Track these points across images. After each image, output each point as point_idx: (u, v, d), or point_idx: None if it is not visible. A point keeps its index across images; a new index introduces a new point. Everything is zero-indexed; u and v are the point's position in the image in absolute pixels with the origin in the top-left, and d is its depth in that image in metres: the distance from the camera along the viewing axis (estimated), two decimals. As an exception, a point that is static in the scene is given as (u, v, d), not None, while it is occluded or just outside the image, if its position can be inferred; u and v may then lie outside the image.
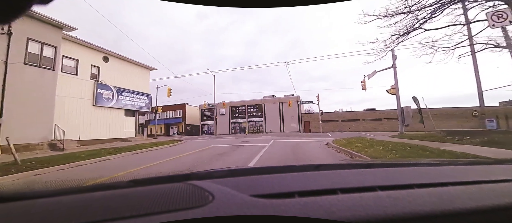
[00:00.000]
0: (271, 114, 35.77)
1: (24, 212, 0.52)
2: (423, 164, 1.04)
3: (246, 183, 0.67)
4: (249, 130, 36.92)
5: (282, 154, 7.92)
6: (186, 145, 13.50)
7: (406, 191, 0.56)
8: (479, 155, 5.32)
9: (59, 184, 0.81)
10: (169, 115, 42.92)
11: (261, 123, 36.53)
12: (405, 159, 2.22)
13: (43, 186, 0.84)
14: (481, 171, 0.84)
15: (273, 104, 36.17)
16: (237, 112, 38.13)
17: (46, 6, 0.31)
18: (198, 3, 0.39)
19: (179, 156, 8.26)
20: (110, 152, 9.13)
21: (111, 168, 6.34)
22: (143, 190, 0.65)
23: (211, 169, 0.99)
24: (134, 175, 0.86)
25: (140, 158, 8.08)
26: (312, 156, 7.41)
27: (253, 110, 37.25)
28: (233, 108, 38.37)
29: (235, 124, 38.20)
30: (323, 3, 0.44)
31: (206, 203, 0.50)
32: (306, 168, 0.94)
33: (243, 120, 37.48)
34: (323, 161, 5.43)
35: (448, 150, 6.29)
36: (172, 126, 43.37)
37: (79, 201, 0.57)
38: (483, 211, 0.47)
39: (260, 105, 36.82)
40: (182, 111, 41.78)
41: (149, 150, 10.86)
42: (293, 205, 0.48)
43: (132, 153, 9.57)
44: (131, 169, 5.95)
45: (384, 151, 7.06)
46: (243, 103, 37.91)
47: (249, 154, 8.19)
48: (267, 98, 37.28)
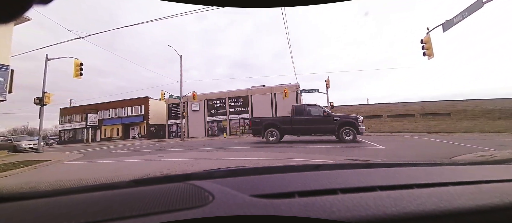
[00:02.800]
0: (260, 108, 26.31)
1: (24, 212, 0.52)
2: (423, 164, 1.01)
3: (246, 183, 0.66)
4: (230, 130, 27.34)
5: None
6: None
7: (406, 191, 0.56)
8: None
9: (59, 184, 0.81)
10: (127, 112, 32.71)
11: (247, 121, 27.05)
12: (405, 159, 1.91)
13: (43, 186, 0.82)
14: (481, 171, 0.83)
15: (263, 96, 26.68)
16: (215, 107, 28.46)
17: (46, 6, 0.31)
18: (197, 3, 0.40)
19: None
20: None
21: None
22: (143, 190, 0.64)
23: (211, 169, 0.99)
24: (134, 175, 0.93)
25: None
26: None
27: (236, 104, 27.68)
28: (210, 102, 28.66)
29: (212, 123, 28.51)
30: (322, 3, 0.44)
31: (206, 203, 0.50)
32: (306, 168, 0.94)
33: (223, 117, 27.89)
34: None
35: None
36: (132, 127, 33.23)
37: (79, 201, 0.57)
38: (483, 211, 0.47)
39: (246, 97, 27.27)
40: (144, 107, 31.68)
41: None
42: (293, 205, 0.48)
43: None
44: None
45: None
46: (224, 95, 28.28)
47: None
48: (255, 88, 27.75)
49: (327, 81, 19.72)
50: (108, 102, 34.57)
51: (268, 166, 1.11)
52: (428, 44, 10.29)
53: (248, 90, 27.62)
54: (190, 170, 1.24)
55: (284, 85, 25.19)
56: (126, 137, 32.62)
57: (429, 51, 10.27)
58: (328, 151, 7.69)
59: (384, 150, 7.85)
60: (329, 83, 19.72)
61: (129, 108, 32.51)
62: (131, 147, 14.05)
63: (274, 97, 26.08)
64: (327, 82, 19.75)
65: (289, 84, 25.42)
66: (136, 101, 32.27)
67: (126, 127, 33.13)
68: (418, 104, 21.70)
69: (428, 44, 10.29)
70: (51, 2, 0.31)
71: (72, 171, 6.33)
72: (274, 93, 26.15)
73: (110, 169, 6.36)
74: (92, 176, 0.85)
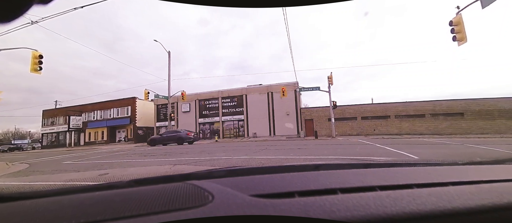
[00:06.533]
0: (256, 109, 24.22)
1: (24, 212, 0.52)
2: (423, 164, 1.03)
3: (246, 183, 0.66)
4: (224, 133, 25.18)
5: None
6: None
7: (406, 191, 0.56)
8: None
9: (59, 184, 0.81)
10: (113, 113, 30.32)
11: (241, 123, 24.89)
12: (405, 159, 1.92)
13: (43, 186, 0.82)
14: (481, 171, 0.83)
15: (259, 95, 24.61)
16: (207, 108, 26.29)
17: (46, 6, 0.31)
18: (196, 3, 0.40)
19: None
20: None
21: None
22: (143, 190, 0.64)
23: (211, 169, 0.98)
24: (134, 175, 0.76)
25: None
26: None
27: (230, 104, 25.55)
28: (202, 102, 26.49)
29: (203, 125, 26.32)
30: (321, 3, 0.44)
31: (206, 203, 0.50)
32: (306, 168, 0.93)
33: (216, 119, 25.72)
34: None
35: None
36: (118, 130, 30.83)
37: (79, 201, 0.58)
38: (483, 211, 0.47)
39: (241, 96, 25.17)
40: (131, 108, 29.33)
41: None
42: (293, 205, 0.48)
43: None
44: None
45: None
46: (216, 94, 26.13)
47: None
48: (251, 87, 25.67)
49: (329, 77, 17.65)
50: (93, 103, 32.13)
51: (268, 166, 1.11)
52: (459, 27, 8.35)
53: (243, 89, 25.52)
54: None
55: (281, 84, 23.14)
56: (112, 140, 30.19)
57: (461, 35, 8.32)
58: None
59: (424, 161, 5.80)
60: (332, 79, 17.67)
61: (115, 110, 30.12)
62: (101, 153, 11.82)
63: (271, 96, 24.02)
64: (329, 79, 17.68)
65: (288, 83, 23.39)
66: (123, 102, 29.90)
67: (112, 130, 30.71)
68: (429, 103, 19.80)
69: (459, 27, 8.35)
70: (51, 2, 0.31)
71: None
72: (271, 92, 24.09)
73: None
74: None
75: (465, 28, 8.24)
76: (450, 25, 8.53)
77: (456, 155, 6.71)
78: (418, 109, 19.85)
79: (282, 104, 22.78)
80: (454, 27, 8.41)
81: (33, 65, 11.27)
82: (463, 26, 8.27)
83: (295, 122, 22.66)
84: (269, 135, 23.10)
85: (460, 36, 8.31)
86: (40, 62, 11.42)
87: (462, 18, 8.34)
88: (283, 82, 23.97)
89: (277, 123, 23.25)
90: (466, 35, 8.26)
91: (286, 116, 22.94)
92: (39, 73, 11.59)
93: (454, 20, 8.44)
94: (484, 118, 18.70)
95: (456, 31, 8.37)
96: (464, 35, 8.26)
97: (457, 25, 8.36)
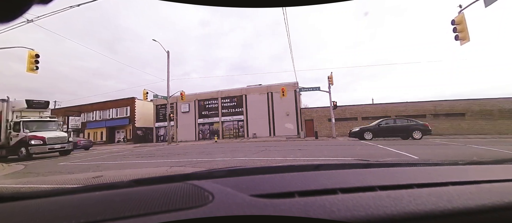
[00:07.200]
0: (256, 109, 24.09)
1: (24, 212, 0.52)
2: (423, 164, 1.02)
3: (246, 182, 0.66)
4: (223, 134, 25.06)
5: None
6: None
7: (406, 191, 0.56)
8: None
9: (59, 184, 0.81)
10: (112, 114, 30.19)
11: (241, 123, 24.78)
12: (405, 159, 1.93)
13: (43, 186, 0.82)
14: (481, 171, 0.83)
15: (259, 95, 24.49)
16: (207, 108, 26.18)
17: (46, 6, 0.31)
18: (197, 2, 0.40)
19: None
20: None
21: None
22: (143, 190, 0.64)
23: (211, 169, 0.98)
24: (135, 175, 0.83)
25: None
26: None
27: (229, 104, 25.44)
28: (201, 102, 26.38)
29: (203, 126, 26.20)
30: (321, 3, 0.44)
31: (206, 203, 0.50)
32: (306, 168, 0.93)
33: (216, 119, 25.61)
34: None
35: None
36: (117, 130, 30.71)
37: (79, 201, 0.58)
38: (483, 211, 0.47)
39: (240, 97, 25.05)
40: (130, 108, 29.21)
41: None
42: (293, 205, 0.49)
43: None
44: None
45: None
46: (216, 95, 26.01)
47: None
48: (250, 88, 25.55)
49: (330, 77, 17.55)
50: (92, 104, 32.01)
51: (268, 166, 1.12)
52: (461, 25, 8.22)
53: (242, 90, 25.41)
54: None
55: (281, 84, 23.03)
56: (111, 141, 30.08)
57: (463, 34, 8.19)
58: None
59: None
60: (332, 79, 17.55)
61: (114, 110, 30.02)
62: (100, 154, 11.69)
63: (270, 96, 23.91)
64: (330, 79, 17.57)
65: (288, 83, 23.27)
66: (122, 102, 29.79)
67: (111, 131, 30.60)
68: (430, 103, 19.68)
69: (461, 25, 8.22)
70: (51, 2, 0.31)
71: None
72: (270, 92, 23.99)
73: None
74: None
75: (468, 27, 8.12)
76: (452, 24, 8.41)
77: (456, 155, 6.57)
78: (418, 110, 19.72)
79: (282, 105, 22.67)
80: (456, 26, 8.29)
81: (29, 65, 11.13)
82: (465, 25, 8.14)
83: (295, 122, 22.54)
84: (269, 135, 22.98)
85: (462, 35, 8.18)
86: (36, 62, 11.28)
87: (465, 17, 8.22)
88: (283, 82, 23.87)
89: (277, 124, 23.12)
90: (469, 34, 8.13)
91: (286, 116, 22.82)
92: (36, 73, 11.44)
93: (456, 19, 8.32)
94: (485, 118, 18.59)
95: (459, 30, 8.24)
96: (467, 34, 8.13)
97: (460, 24, 8.23)
